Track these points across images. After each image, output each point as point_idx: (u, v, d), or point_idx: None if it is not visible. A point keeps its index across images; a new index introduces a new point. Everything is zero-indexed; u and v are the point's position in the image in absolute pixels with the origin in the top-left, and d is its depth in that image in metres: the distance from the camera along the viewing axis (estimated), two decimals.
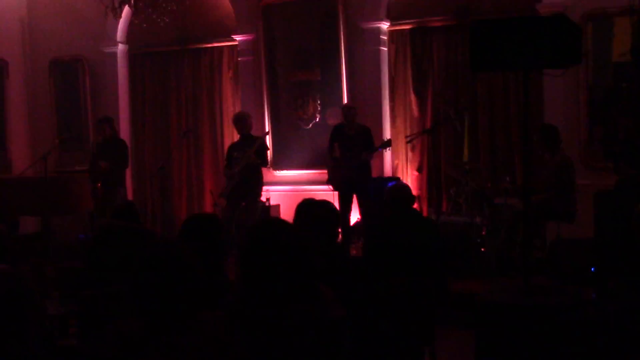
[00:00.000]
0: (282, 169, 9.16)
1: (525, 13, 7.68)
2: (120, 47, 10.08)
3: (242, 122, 8.16)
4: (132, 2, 7.12)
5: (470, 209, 7.07)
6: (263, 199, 8.60)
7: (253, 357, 2.37)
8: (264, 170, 8.35)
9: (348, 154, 7.82)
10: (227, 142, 9.20)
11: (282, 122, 9.19)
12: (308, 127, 9.03)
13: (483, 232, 7.09)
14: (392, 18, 8.79)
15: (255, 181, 8.05)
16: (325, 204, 3.69)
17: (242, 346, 2.33)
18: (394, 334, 3.34)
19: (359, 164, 7.74)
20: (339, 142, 7.98)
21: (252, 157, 7.84)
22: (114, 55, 10.07)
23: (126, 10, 7.63)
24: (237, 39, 9.40)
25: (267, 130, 8.31)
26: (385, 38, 8.82)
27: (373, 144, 7.85)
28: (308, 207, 3.56)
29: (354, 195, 7.97)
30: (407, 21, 8.75)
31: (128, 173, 9.53)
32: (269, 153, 8.68)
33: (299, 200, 3.77)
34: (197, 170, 9.91)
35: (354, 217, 8.19)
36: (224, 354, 2.20)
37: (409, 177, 8.72)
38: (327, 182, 8.01)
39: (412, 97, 8.79)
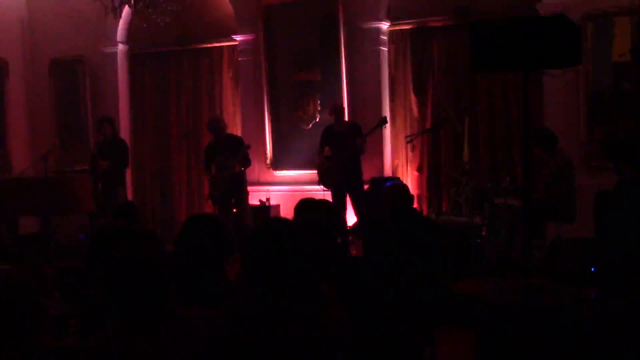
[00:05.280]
0: (282, 169, 9.16)
1: (525, 13, 7.68)
2: (120, 47, 10.08)
3: (217, 127, 8.21)
4: (132, 2, 7.11)
5: (470, 209, 7.08)
6: (263, 199, 8.63)
7: (254, 357, 2.38)
8: (265, 170, 8.40)
9: (340, 149, 7.86)
10: None
11: (282, 122, 9.19)
12: (308, 127, 9.03)
13: (483, 232, 7.10)
14: (392, 18, 8.79)
15: (242, 182, 8.22)
16: (325, 203, 3.69)
17: (240, 345, 2.33)
18: (395, 334, 3.33)
19: (352, 154, 7.79)
20: (330, 141, 8.03)
21: (237, 165, 8.03)
22: (114, 55, 10.07)
23: (126, 10, 7.62)
24: (237, 39, 9.40)
25: (247, 144, 8.25)
26: (385, 38, 8.83)
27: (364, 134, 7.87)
28: (307, 207, 3.55)
29: (347, 195, 8.01)
30: (407, 21, 8.76)
31: (128, 173, 9.53)
32: (269, 153, 8.69)
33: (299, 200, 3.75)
34: (197, 170, 9.90)
35: (351, 217, 8.19)
36: (212, 351, 2.22)
37: (409, 177, 8.72)
38: (318, 182, 8.07)
39: (412, 97, 8.80)
